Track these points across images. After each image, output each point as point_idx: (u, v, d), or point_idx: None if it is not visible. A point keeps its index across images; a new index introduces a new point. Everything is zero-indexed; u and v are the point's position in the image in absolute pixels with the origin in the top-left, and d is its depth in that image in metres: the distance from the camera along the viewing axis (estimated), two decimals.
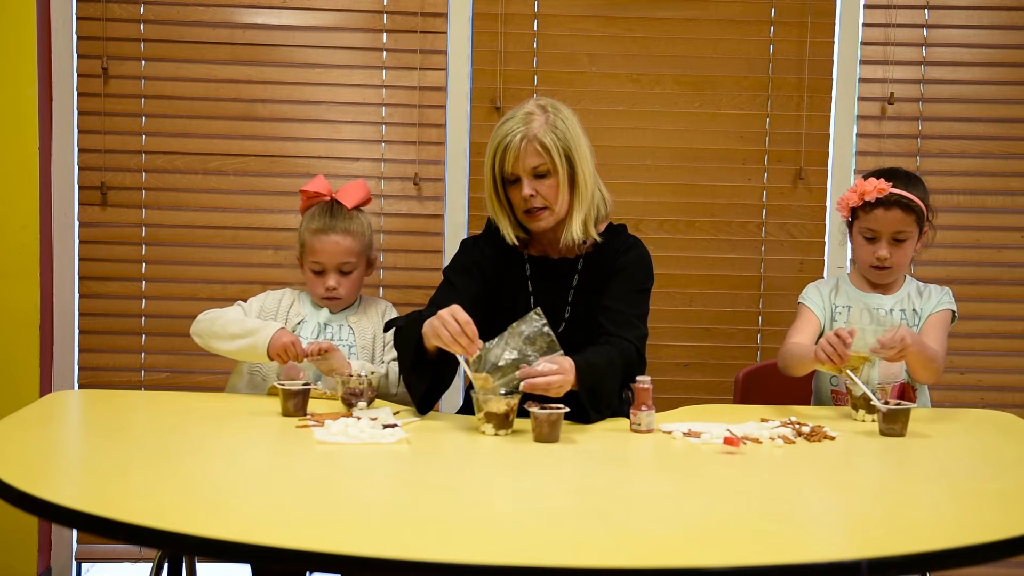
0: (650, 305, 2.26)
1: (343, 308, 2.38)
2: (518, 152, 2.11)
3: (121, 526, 1.31)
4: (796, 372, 2.27)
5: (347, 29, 2.98)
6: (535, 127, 2.11)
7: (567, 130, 2.14)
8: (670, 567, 1.21)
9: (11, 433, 1.81)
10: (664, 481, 1.64)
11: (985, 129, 3.03)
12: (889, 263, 2.30)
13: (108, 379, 2.99)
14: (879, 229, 2.28)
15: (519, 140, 2.11)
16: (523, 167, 2.12)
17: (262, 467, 1.68)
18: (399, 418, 1.97)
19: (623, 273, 2.21)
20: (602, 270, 2.22)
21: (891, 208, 2.26)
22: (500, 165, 2.14)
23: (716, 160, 3.02)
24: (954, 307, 2.35)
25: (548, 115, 2.14)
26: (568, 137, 2.13)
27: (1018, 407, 2.75)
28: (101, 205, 2.97)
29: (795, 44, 3.00)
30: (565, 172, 2.14)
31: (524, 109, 2.15)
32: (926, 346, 2.18)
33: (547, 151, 2.11)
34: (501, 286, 2.23)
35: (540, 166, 2.12)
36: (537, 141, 2.11)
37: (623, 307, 2.17)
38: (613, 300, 2.18)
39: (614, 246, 2.24)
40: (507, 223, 2.20)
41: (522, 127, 2.11)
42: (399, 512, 1.41)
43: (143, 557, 3.04)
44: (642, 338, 2.17)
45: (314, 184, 2.38)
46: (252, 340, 2.15)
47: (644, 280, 2.24)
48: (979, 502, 1.51)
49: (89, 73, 2.94)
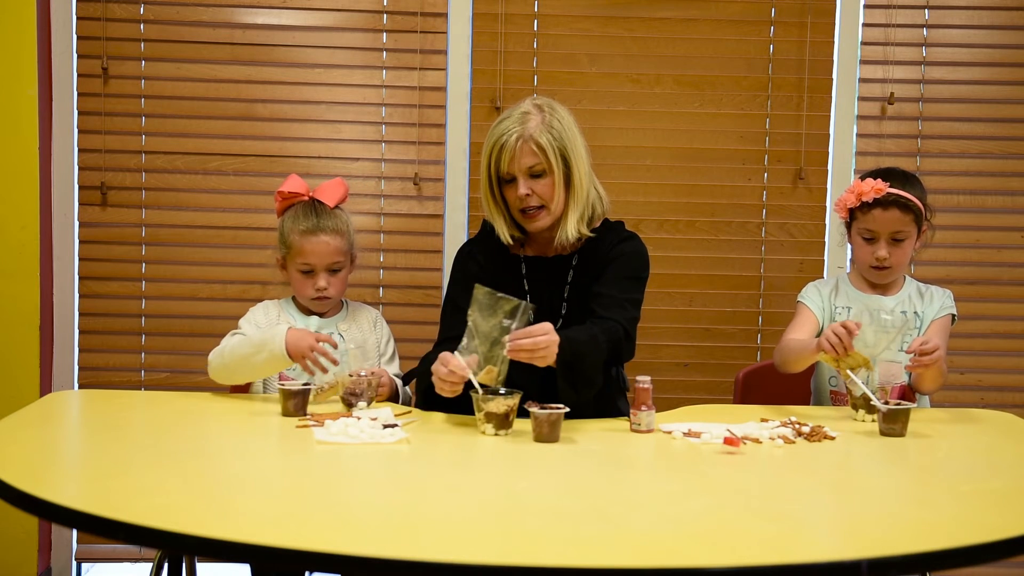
0: (650, 305, 2.26)
1: (332, 314, 2.35)
2: (514, 152, 2.11)
3: (121, 526, 1.31)
4: (793, 367, 2.27)
5: (347, 29, 2.98)
6: (531, 127, 2.11)
7: (563, 130, 2.13)
8: (670, 567, 1.21)
9: (11, 433, 1.81)
10: (664, 481, 1.64)
11: (985, 129, 3.03)
12: (888, 263, 2.29)
13: (108, 379, 2.99)
14: (877, 229, 2.28)
15: (515, 140, 2.11)
16: (519, 167, 2.12)
17: (262, 467, 1.68)
18: (399, 418, 1.97)
19: (617, 261, 2.20)
20: (596, 263, 2.22)
21: (889, 208, 2.26)
22: (496, 164, 2.14)
23: (716, 160, 3.02)
24: (955, 311, 2.35)
25: (544, 115, 2.13)
26: (564, 137, 2.13)
27: (1018, 407, 2.76)
28: (101, 205, 2.98)
29: (795, 44, 3.00)
30: (561, 172, 2.13)
31: (520, 108, 2.15)
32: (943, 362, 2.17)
33: (543, 151, 2.11)
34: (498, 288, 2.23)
35: (536, 166, 2.12)
36: (533, 141, 2.10)
37: (614, 292, 2.15)
38: (604, 286, 2.17)
39: (609, 239, 2.23)
40: (503, 222, 2.20)
41: (518, 127, 2.11)
42: (399, 512, 1.41)
43: (143, 557, 3.04)
44: (631, 320, 2.15)
45: (291, 184, 2.33)
46: (268, 351, 2.10)
47: (639, 268, 2.22)
48: (979, 502, 1.51)
49: (89, 73, 2.94)
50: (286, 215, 2.33)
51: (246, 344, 2.14)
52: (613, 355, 2.10)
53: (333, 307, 2.37)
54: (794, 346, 2.27)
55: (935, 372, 2.16)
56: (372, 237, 3.00)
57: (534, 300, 2.20)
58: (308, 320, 2.32)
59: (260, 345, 2.11)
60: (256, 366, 2.12)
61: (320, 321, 2.32)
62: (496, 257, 2.26)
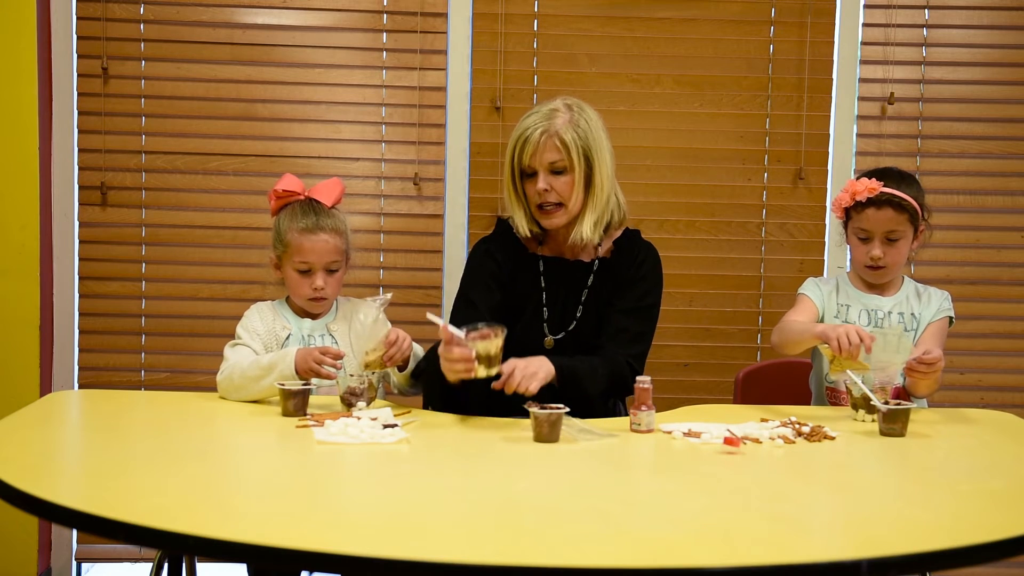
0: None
1: (322, 316, 2.33)
2: (537, 146, 2.14)
3: (121, 526, 1.31)
4: (791, 349, 2.26)
5: (347, 29, 2.98)
6: (557, 123, 2.14)
7: (589, 130, 2.16)
8: (670, 567, 1.21)
9: (11, 433, 1.81)
10: (664, 481, 1.64)
11: (985, 129, 3.03)
12: (883, 263, 2.29)
13: (108, 379, 2.99)
14: (871, 229, 2.28)
15: (539, 134, 2.13)
16: (540, 161, 2.15)
17: (262, 467, 1.68)
18: (399, 418, 1.97)
19: (636, 286, 2.22)
20: (616, 276, 2.24)
21: (883, 207, 2.26)
22: (519, 157, 2.17)
23: (716, 160, 3.02)
24: (952, 313, 2.34)
25: (572, 113, 2.16)
26: (589, 137, 2.16)
27: (1018, 407, 2.75)
28: (101, 205, 2.98)
29: (795, 44, 3.00)
30: (582, 171, 2.15)
31: (549, 105, 2.18)
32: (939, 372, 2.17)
33: (565, 148, 2.13)
34: (515, 287, 2.25)
35: (557, 162, 2.15)
36: (557, 137, 2.13)
37: (628, 324, 2.19)
38: (619, 316, 2.19)
39: (631, 252, 2.26)
40: (522, 215, 2.22)
41: (544, 122, 2.14)
42: (399, 512, 1.41)
43: (143, 557, 3.04)
44: (639, 356, 2.19)
45: (286, 183, 2.31)
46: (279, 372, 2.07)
47: (656, 295, 2.25)
48: (979, 502, 1.51)
49: (89, 73, 2.94)
50: (282, 214, 2.30)
51: (255, 367, 2.11)
52: (615, 388, 2.13)
53: (324, 309, 2.35)
54: (796, 327, 2.24)
55: (932, 380, 2.16)
56: (372, 237, 3.00)
57: (550, 301, 2.23)
58: (301, 322, 2.30)
59: (269, 367, 2.09)
60: (266, 388, 2.10)
61: (312, 323, 2.31)
62: (514, 256, 2.27)
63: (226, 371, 2.15)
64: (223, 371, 2.16)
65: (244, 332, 2.26)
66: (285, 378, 2.06)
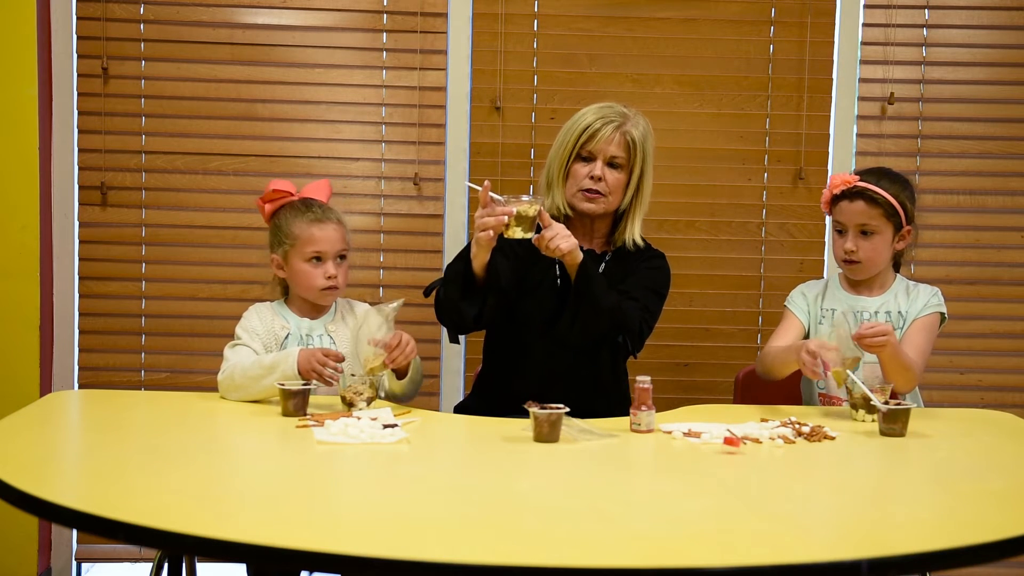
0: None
1: (319, 316, 2.33)
2: (608, 137, 2.28)
3: (121, 526, 1.31)
4: (776, 375, 2.28)
5: (347, 29, 2.98)
6: (630, 124, 2.30)
7: (648, 140, 2.34)
8: (670, 567, 1.21)
9: (11, 433, 1.81)
10: (664, 481, 1.64)
11: (985, 129, 3.03)
12: (857, 257, 2.27)
13: (108, 379, 2.99)
14: (845, 221, 2.28)
15: (613, 128, 2.28)
16: (604, 152, 2.28)
17: (262, 467, 1.68)
18: (399, 418, 1.97)
19: (643, 273, 2.34)
20: (624, 269, 2.34)
21: (855, 200, 2.26)
22: (583, 141, 2.29)
23: (716, 160, 3.02)
24: (943, 309, 2.30)
25: (641, 121, 2.33)
26: (648, 146, 2.33)
27: (1018, 407, 2.75)
28: (101, 205, 2.98)
29: (795, 44, 3.00)
30: (637, 173, 2.31)
31: (619, 108, 2.32)
32: (902, 352, 2.15)
33: (632, 147, 2.30)
34: (532, 265, 2.31)
35: (619, 158, 2.29)
36: (629, 135, 2.29)
37: (638, 295, 2.30)
38: (630, 288, 2.30)
39: (642, 252, 2.38)
40: (561, 195, 2.33)
41: (619, 118, 2.30)
42: (399, 512, 1.41)
43: (143, 557, 3.04)
44: (647, 311, 2.29)
45: (279, 184, 2.33)
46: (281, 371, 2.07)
47: (661, 284, 2.38)
48: (979, 502, 1.51)
49: (89, 73, 2.94)
50: (282, 212, 2.31)
51: (257, 366, 2.12)
52: (616, 323, 2.23)
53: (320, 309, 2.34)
54: (774, 353, 2.28)
55: (894, 366, 2.12)
56: (372, 237, 3.00)
57: (564, 283, 2.30)
58: (300, 321, 2.31)
59: (272, 367, 2.10)
60: (268, 387, 2.10)
61: (310, 323, 2.31)
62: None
63: (227, 371, 2.16)
64: (224, 371, 2.17)
65: (244, 332, 2.27)
66: (287, 378, 2.06)
